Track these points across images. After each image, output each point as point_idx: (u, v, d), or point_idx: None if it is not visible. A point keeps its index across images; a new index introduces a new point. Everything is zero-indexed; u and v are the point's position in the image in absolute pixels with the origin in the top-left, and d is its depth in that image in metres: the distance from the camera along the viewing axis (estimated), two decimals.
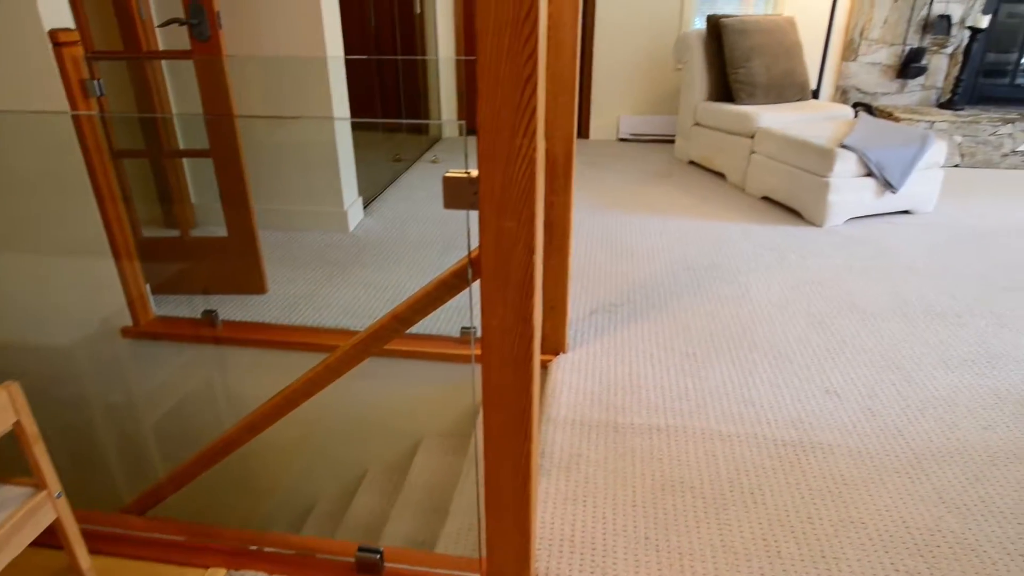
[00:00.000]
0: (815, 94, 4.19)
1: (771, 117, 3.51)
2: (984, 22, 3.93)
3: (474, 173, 0.90)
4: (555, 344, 2.03)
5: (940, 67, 4.26)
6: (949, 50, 4.21)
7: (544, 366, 2.00)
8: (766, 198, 3.46)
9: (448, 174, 0.92)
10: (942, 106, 4.24)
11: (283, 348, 2.18)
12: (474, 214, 0.92)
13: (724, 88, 3.92)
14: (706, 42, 3.89)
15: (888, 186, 3.05)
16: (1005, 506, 1.46)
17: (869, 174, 3.04)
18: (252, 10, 2.70)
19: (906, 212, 3.26)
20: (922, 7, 4.13)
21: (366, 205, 3.40)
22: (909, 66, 4.21)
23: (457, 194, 0.93)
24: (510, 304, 0.94)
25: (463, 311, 2.20)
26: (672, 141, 4.68)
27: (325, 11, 2.71)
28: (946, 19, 4.12)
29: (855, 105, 4.40)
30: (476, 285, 0.99)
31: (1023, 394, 1.85)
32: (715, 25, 3.82)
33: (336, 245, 2.92)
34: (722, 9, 4.48)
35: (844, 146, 3.00)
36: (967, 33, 4.09)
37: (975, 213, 3.26)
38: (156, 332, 2.26)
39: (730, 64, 3.74)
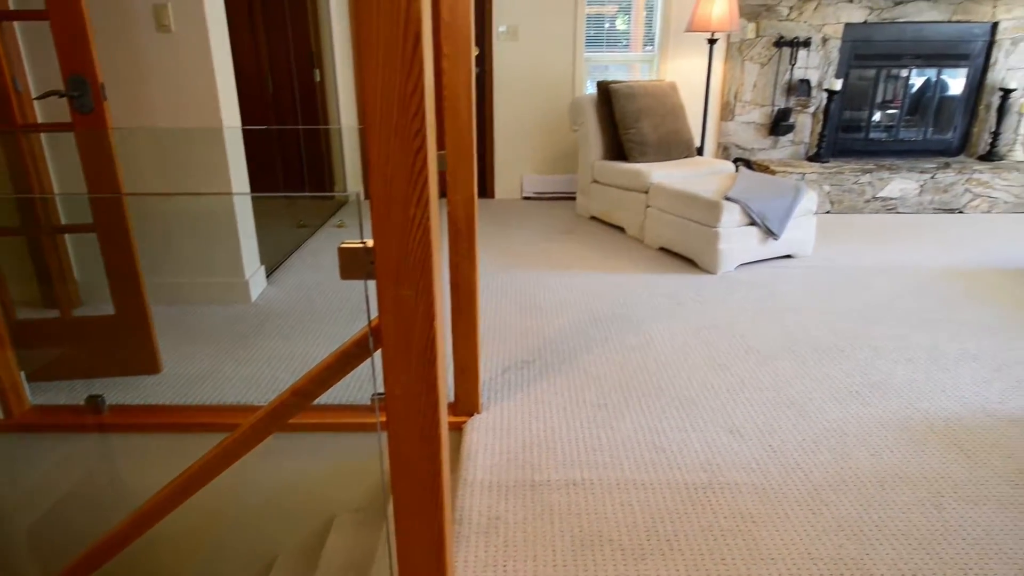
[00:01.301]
0: (700, 151, 4.52)
1: (662, 173, 3.74)
2: (838, 85, 4.41)
3: (370, 243, 0.90)
4: (469, 405, 2.02)
5: (805, 124, 4.72)
6: (811, 109, 4.68)
7: (458, 428, 1.98)
8: (663, 249, 3.65)
9: (343, 245, 0.92)
10: (810, 159, 4.67)
11: (178, 431, 2.04)
12: (373, 283, 0.92)
13: (617, 147, 4.15)
14: (598, 105, 4.13)
15: (770, 233, 3.30)
16: (897, 528, 1.56)
17: (753, 223, 3.28)
18: (141, 81, 2.64)
19: (788, 256, 3.52)
20: (785, 72, 4.58)
21: (269, 274, 3.30)
22: (779, 124, 4.63)
23: (353, 264, 0.93)
24: (414, 372, 0.94)
25: (378, 374, 2.16)
26: (573, 198, 4.88)
27: (220, 80, 2.68)
28: (806, 83, 4.59)
29: (736, 160, 4.77)
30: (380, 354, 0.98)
31: (903, 419, 2.01)
32: (605, 90, 4.07)
33: (237, 317, 2.80)
34: (610, 75, 4.79)
35: (728, 198, 3.23)
36: (825, 95, 4.57)
37: (847, 254, 3.57)
38: (32, 424, 2.06)
39: (621, 125, 3.98)
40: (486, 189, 4.97)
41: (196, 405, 2.12)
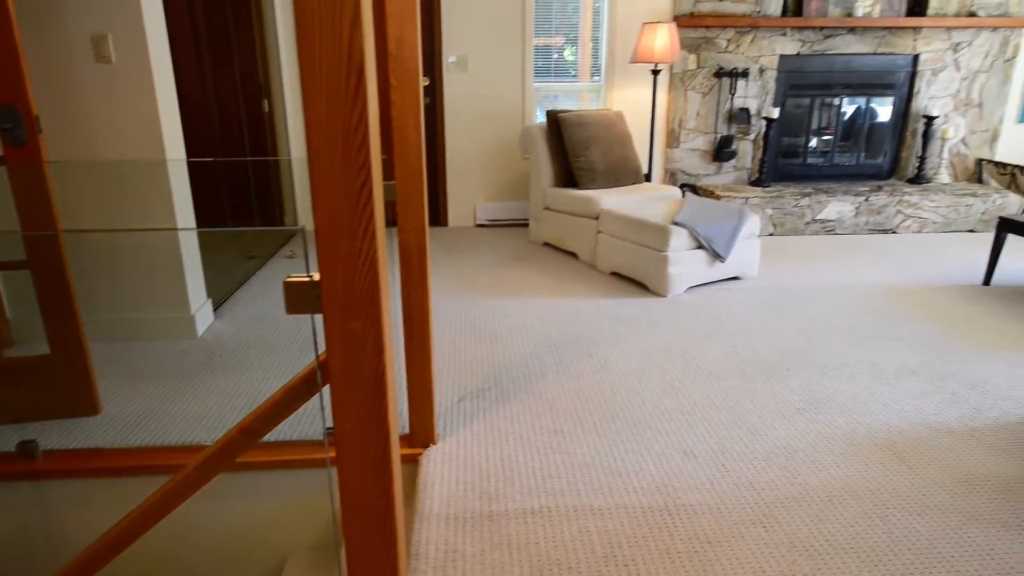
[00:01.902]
0: (648, 177, 4.63)
1: (612, 200, 3.81)
2: (775, 113, 4.61)
3: (317, 276, 0.89)
4: (424, 436, 1.99)
5: (747, 151, 4.90)
6: (752, 137, 4.87)
7: (414, 460, 1.95)
8: (615, 273, 3.71)
9: (289, 279, 0.91)
10: (753, 184, 4.84)
11: (119, 475, 1.95)
12: (320, 316, 0.91)
13: (568, 174, 4.23)
14: (548, 134, 4.20)
15: (717, 256, 3.39)
16: (846, 542, 1.60)
17: (700, 247, 3.37)
18: (80, 113, 2.56)
19: (735, 278, 3.63)
20: (725, 101, 4.77)
21: (217, 307, 3.21)
22: (722, 151, 4.80)
23: (300, 299, 0.92)
24: (363, 406, 0.92)
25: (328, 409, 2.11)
26: (526, 225, 4.92)
27: (163, 111, 2.63)
28: (746, 111, 4.78)
29: (682, 186, 4.91)
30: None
31: (848, 434, 2.07)
32: (554, 119, 4.15)
33: (183, 353, 2.71)
34: (560, 104, 4.89)
35: (676, 223, 3.32)
36: (764, 122, 4.76)
37: (791, 275, 3.69)
38: None
39: (571, 153, 4.06)
40: (439, 217, 4.97)
41: (138, 447, 2.03)
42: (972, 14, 4.70)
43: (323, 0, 0.78)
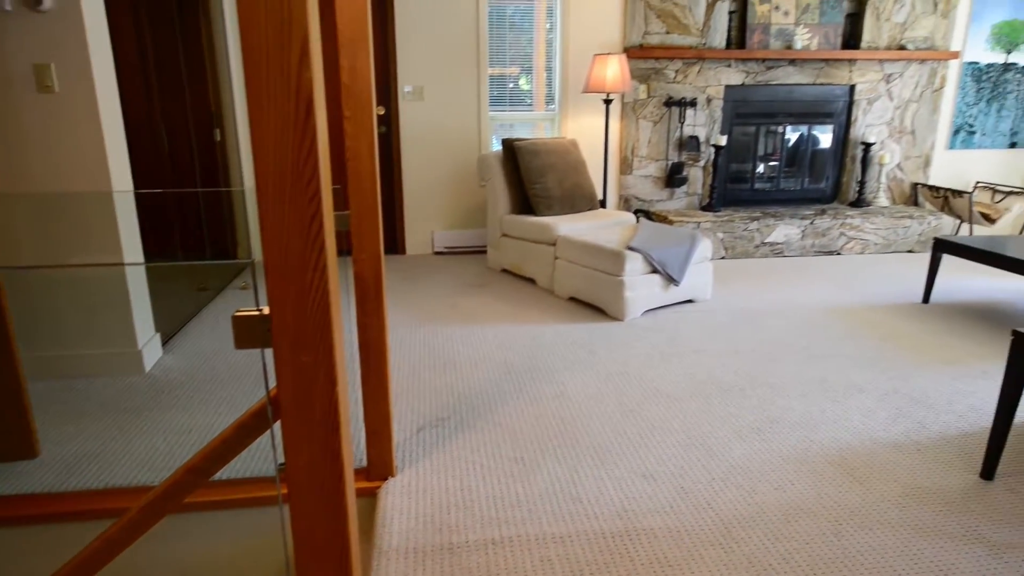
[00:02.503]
0: (603, 203, 4.72)
1: (568, 226, 3.86)
2: (723, 140, 4.77)
3: (266, 310, 0.88)
4: (382, 469, 1.96)
5: (698, 177, 5.04)
6: (702, 163, 5.02)
7: (372, 494, 1.91)
8: (573, 298, 3.75)
9: (238, 313, 0.89)
10: (704, 209, 4.98)
11: (60, 520, 1.85)
12: (271, 351, 0.89)
13: (524, 201, 4.27)
14: (504, 162, 4.25)
15: (671, 280, 3.46)
16: (803, 560, 1.62)
17: (655, 271, 3.44)
18: (21, 144, 2.48)
19: (690, 301, 3.70)
20: (675, 129, 4.91)
21: (166, 341, 3.11)
22: (673, 177, 4.93)
23: (249, 333, 0.90)
24: (316, 441, 0.91)
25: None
26: (484, 252, 4.94)
27: (109, 141, 2.56)
28: (695, 139, 4.93)
29: (636, 211, 5.01)
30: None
31: (801, 452, 2.12)
32: (510, 147, 4.21)
33: (129, 389, 2.61)
34: (516, 133, 4.96)
35: (631, 248, 3.38)
36: (713, 149, 4.92)
37: (742, 297, 3.79)
38: None
39: (527, 180, 4.11)
40: (397, 245, 4.95)
41: (79, 491, 1.93)
42: (902, 47, 4.98)
43: (271, 34, 0.78)
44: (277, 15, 0.77)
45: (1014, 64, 5.18)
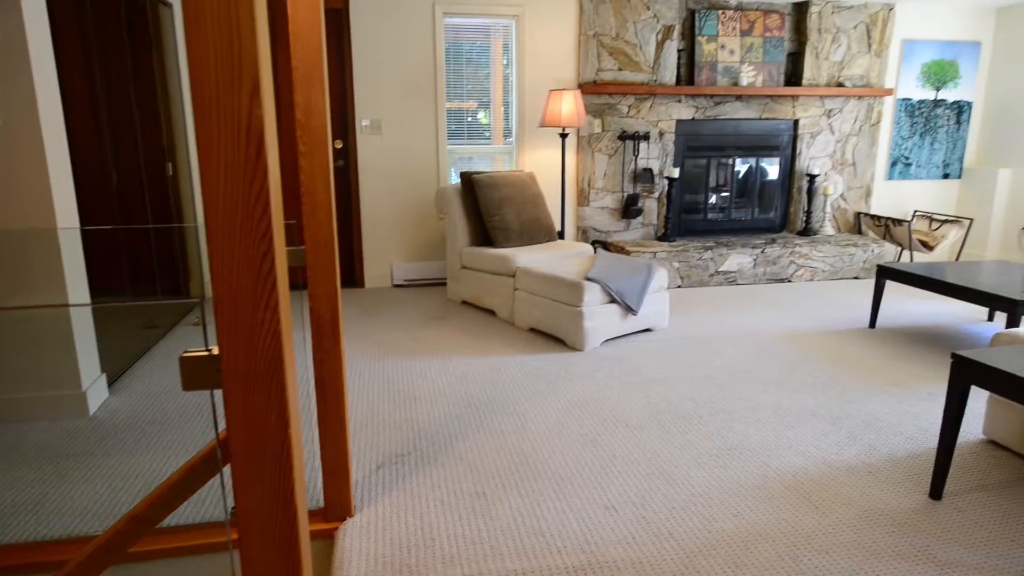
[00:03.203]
0: (561, 235, 4.78)
1: (527, 257, 3.90)
2: (676, 172, 4.91)
3: (216, 350, 0.86)
4: (340, 509, 1.91)
5: (652, 208, 5.16)
6: (656, 195, 5.14)
7: (329, 535, 1.85)
8: (533, 329, 3.76)
9: (185, 354, 0.87)
10: (659, 239, 5.09)
11: None
12: (220, 392, 0.87)
13: (483, 234, 4.29)
14: (462, 195, 4.28)
15: (629, 310, 3.51)
16: None
17: (613, 301, 3.48)
18: None
19: (648, 330, 3.75)
20: (630, 162, 5.04)
21: (112, 382, 3.00)
22: (629, 208, 5.03)
23: (198, 374, 0.87)
24: (267, 484, 0.88)
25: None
26: (444, 284, 4.93)
27: (55, 176, 2.49)
28: (649, 171, 5.06)
29: (594, 242, 5.08)
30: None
31: (759, 478, 2.15)
32: (468, 180, 4.24)
33: (72, 433, 2.50)
34: (474, 165, 5.01)
35: (589, 279, 3.42)
36: (666, 181, 5.05)
37: (698, 325, 3.86)
38: None
39: (485, 213, 4.14)
40: (356, 278, 4.90)
41: (14, 544, 1.82)
42: (840, 84, 5.24)
43: (220, 71, 0.78)
44: (227, 52, 0.77)
45: (943, 100, 5.50)
